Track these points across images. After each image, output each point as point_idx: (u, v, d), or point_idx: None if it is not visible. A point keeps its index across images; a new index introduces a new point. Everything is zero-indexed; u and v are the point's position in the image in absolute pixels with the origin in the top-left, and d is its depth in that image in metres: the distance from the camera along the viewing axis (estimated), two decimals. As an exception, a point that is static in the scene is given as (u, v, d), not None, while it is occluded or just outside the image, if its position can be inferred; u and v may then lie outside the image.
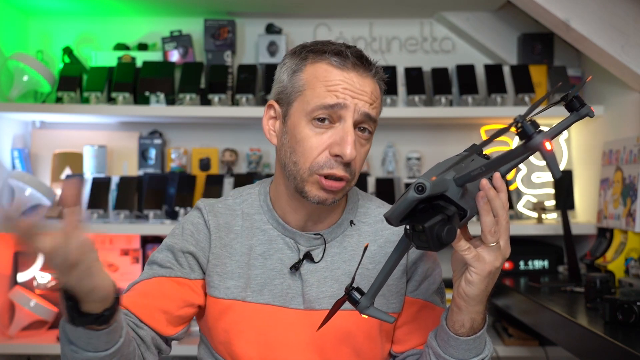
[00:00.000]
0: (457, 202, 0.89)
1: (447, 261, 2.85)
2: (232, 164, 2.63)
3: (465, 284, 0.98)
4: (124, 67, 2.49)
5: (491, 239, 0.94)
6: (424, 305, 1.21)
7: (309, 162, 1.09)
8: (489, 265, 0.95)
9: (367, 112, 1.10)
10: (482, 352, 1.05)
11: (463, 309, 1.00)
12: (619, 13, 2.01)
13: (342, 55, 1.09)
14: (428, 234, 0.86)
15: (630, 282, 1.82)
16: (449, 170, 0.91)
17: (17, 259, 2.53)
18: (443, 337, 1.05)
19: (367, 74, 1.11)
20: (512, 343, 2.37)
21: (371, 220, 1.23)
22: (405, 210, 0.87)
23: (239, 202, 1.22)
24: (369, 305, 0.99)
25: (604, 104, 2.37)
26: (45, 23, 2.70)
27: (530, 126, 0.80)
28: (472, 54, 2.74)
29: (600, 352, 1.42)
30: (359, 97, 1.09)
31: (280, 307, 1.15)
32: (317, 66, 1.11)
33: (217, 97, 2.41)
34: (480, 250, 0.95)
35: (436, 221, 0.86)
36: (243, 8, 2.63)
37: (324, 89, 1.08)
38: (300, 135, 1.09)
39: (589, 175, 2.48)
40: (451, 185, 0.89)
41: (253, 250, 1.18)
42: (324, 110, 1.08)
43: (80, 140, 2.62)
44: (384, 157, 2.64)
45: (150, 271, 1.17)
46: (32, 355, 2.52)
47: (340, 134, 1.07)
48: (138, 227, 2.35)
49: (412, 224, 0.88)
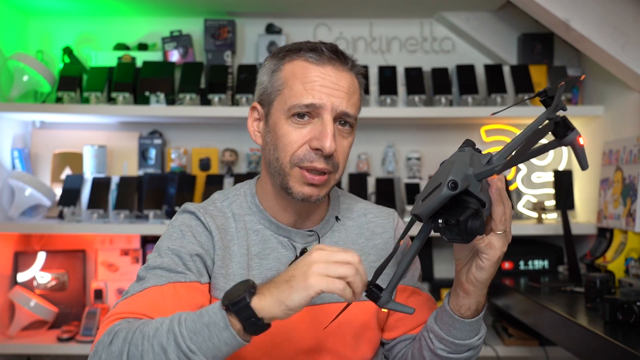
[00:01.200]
0: (478, 196, 0.95)
1: (443, 261, 2.84)
2: (232, 164, 2.63)
3: (476, 270, 1.04)
4: (124, 67, 2.49)
5: (501, 226, 1.01)
6: (413, 292, 1.27)
7: (289, 155, 1.12)
8: (498, 251, 1.02)
9: (344, 111, 1.12)
10: (480, 332, 1.14)
11: (471, 294, 1.07)
12: (619, 13, 2.01)
13: (318, 50, 1.13)
14: (462, 227, 0.92)
15: (630, 282, 1.82)
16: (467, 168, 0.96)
17: (17, 259, 2.53)
18: (447, 321, 1.11)
19: (343, 67, 1.13)
20: (512, 343, 2.37)
21: (354, 215, 1.28)
22: (438, 206, 0.93)
23: (226, 204, 1.22)
24: (389, 299, 1.03)
25: (604, 104, 2.37)
26: (45, 23, 2.70)
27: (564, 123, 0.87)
28: (472, 54, 2.74)
29: (600, 352, 1.42)
30: (335, 93, 1.11)
31: None
32: (295, 64, 1.13)
33: (217, 97, 2.41)
34: (490, 238, 1.01)
35: (469, 214, 0.93)
36: (243, 8, 2.63)
37: (301, 87, 1.11)
38: (281, 132, 1.12)
39: (589, 175, 2.48)
40: (472, 180, 0.95)
41: (249, 250, 1.18)
42: (302, 109, 1.11)
43: (80, 140, 2.62)
44: (384, 157, 2.64)
45: (159, 277, 1.10)
46: (32, 355, 2.52)
47: (319, 128, 1.10)
48: (138, 227, 2.35)
49: (445, 218, 0.93)
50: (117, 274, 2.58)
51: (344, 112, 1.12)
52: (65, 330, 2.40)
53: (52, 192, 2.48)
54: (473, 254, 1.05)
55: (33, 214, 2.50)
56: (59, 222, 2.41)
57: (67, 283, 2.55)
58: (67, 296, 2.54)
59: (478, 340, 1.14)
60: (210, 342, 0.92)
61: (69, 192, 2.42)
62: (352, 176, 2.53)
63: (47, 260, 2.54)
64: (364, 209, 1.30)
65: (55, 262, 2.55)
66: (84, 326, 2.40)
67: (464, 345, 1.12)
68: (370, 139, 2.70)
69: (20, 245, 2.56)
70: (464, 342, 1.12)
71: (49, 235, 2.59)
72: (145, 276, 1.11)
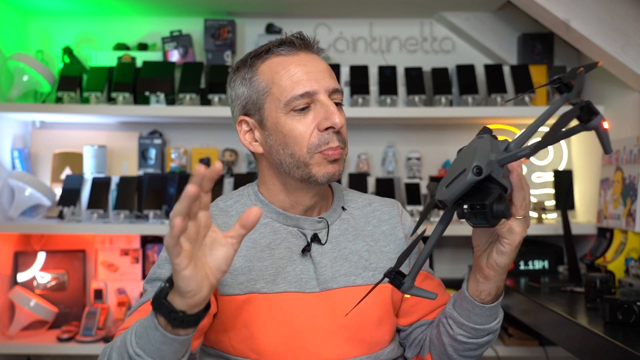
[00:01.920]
0: (500, 181, 0.96)
1: (444, 261, 2.84)
2: (232, 164, 2.63)
3: (497, 255, 1.05)
4: (124, 67, 2.49)
5: (522, 211, 1.02)
6: (426, 276, 1.28)
7: (305, 147, 1.14)
8: (519, 235, 1.03)
9: (335, 87, 1.17)
10: (498, 316, 1.15)
11: (491, 279, 1.08)
12: (619, 13, 2.01)
13: (286, 42, 1.17)
14: (488, 211, 0.93)
15: (630, 282, 1.82)
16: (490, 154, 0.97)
17: (17, 259, 2.53)
18: (466, 307, 1.12)
19: (311, 51, 1.20)
20: (512, 343, 2.37)
21: (359, 205, 1.31)
22: (463, 192, 0.94)
23: (230, 203, 1.24)
24: (412, 285, 1.03)
25: (604, 104, 2.37)
26: (45, 23, 2.70)
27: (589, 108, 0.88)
28: (472, 54, 2.74)
29: (600, 352, 1.42)
30: (320, 75, 1.16)
31: (297, 292, 1.16)
32: (269, 62, 1.17)
33: (217, 97, 2.41)
34: (511, 223, 1.02)
35: (494, 198, 0.94)
36: (243, 8, 2.63)
37: (288, 80, 1.14)
38: (286, 129, 1.14)
39: (589, 175, 2.48)
40: (495, 166, 0.96)
41: (257, 243, 1.19)
42: (299, 101, 1.13)
43: (80, 140, 2.62)
44: (384, 157, 2.64)
45: (154, 289, 1.10)
46: (32, 355, 2.52)
47: (321, 110, 1.14)
48: (138, 227, 2.35)
49: (470, 203, 0.94)
50: (117, 274, 2.58)
51: (335, 89, 1.16)
52: (65, 330, 2.40)
53: (52, 192, 2.47)
54: (493, 240, 1.07)
55: (33, 214, 2.50)
56: (59, 222, 2.41)
57: (67, 283, 2.55)
58: (67, 296, 2.54)
59: (497, 325, 1.15)
60: (150, 343, 0.92)
61: (69, 192, 2.42)
62: (352, 176, 2.53)
63: (47, 260, 2.54)
64: (367, 199, 1.34)
65: (55, 262, 2.55)
66: (83, 326, 2.40)
67: (483, 330, 1.13)
68: (370, 139, 2.70)
69: (20, 245, 2.56)
70: (484, 327, 1.13)
71: (49, 235, 2.59)
72: (147, 289, 1.15)
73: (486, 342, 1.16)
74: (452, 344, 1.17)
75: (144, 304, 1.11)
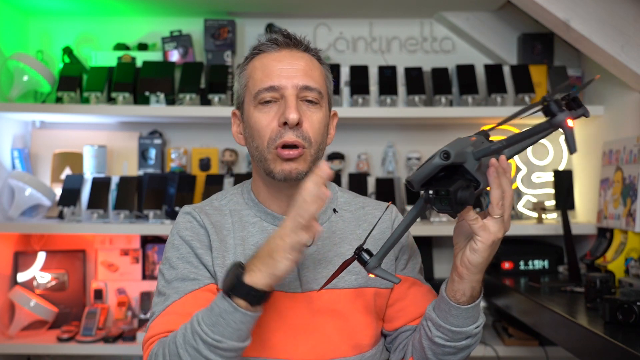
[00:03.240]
0: (473, 174, 0.98)
1: (443, 261, 2.84)
2: (232, 164, 2.63)
3: (470, 252, 1.06)
4: (124, 67, 2.49)
5: (498, 211, 1.02)
6: (414, 282, 1.29)
7: (265, 139, 1.16)
8: (493, 235, 1.03)
9: (305, 85, 1.17)
10: (478, 320, 1.14)
11: (465, 278, 1.08)
12: (619, 13, 2.01)
13: (272, 39, 1.20)
14: (452, 197, 0.95)
15: (630, 282, 1.82)
16: (467, 146, 1.00)
17: (17, 259, 2.53)
18: (443, 308, 1.12)
19: (298, 49, 1.20)
20: (512, 343, 2.37)
21: (352, 208, 1.31)
22: (429, 174, 0.96)
23: (224, 202, 1.29)
24: (377, 265, 1.07)
25: (604, 104, 2.37)
26: (45, 23, 2.70)
27: (555, 105, 0.90)
28: (472, 54, 2.74)
29: (600, 352, 1.42)
30: (292, 72, 1.17)
31: (280, 292, 1.18)
32: (255, 59, 1.21)
33: (217, 97, 2.41)
34: (486, 221, 1.03)
35: (459, 186, 0.96)
36: (243, 8, 2.63)
37: (261, 74, 1.18)
38: (252, 120, 1.19)
39: (589, 175, 2.48)
40: (469, 158, 0.98)
41: (246, 241, 1.22)
42: (265, 94, 1.16)
43: (80, 140, 2.62)
44: (384, 157, 2.64)
45: (177, 290, 1.16)
46: (32, 355, 2.52)
47: (283, 105, 1.16)
48: (138, 227, 2.35)
49: (435, 189, 0.97)
50: (117, 274, 2.58)
51: (305, 86, 1.17)
52: (65, 330, 2.40)
53: (52, 192, 2.47)
54: (469, 238, 1.07)
55: (33, 214, 2.50)
56: (59, 222, 2.41)
57: (67, 283, 2.55)
58: (67, 296, 2.54)
59: (475, 329, 1.14)
60: (229, 327, 1.01)
61: (69, 192, 2.42)
62: (352, 176, 2.53)
63: (47, 260, 2.54)
64: (362, 202, 1.34)
65: (55, 262, 2.55)
66: (83, 326, 2.40)
67: (460, 333, 1.12)
68: (370, 139, 2.70)
69: (20, 245, 2.56)
70: (461, 330, 1.12)
71: (49, 235, 2.59)
72: (166, 292, 1.18)
73: (465, 347, 1.15)
74: (430, 346, 1.16)
75: (171, 306, 1.15)
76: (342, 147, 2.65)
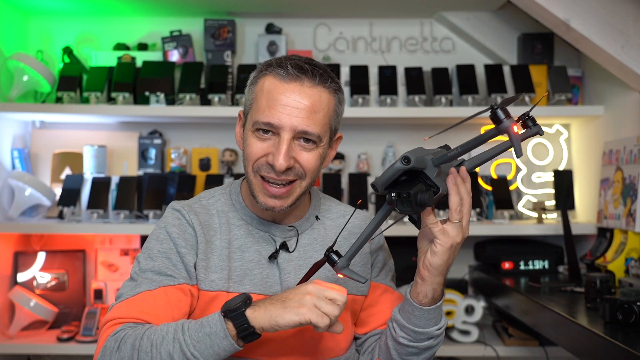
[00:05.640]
0: (433, 179, 1.05)
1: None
2: (232, 164, 2.63)
3: (430, 255, 1.12)
4: (124, 67, 2.48)
5: (456, 216, 1.09)
6: (385, 289, 1.36)
7: (251, 165, 1.19)
8: (451, 239, 1.09)
9: (304, 130, 1.16)
10: (439, 322, 1.20)
11: (426, 280, 1.14)
12: (619, 13, 2.01)
13: (283, 67, 1.17)
14: (412, 199, 1.01)
15: (630, 282, 1.82)
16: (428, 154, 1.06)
17: (17, 259, 2.53)
18: (407, 309, 1.18)
19: (310, 83, 1.17)
20: (512, 343, 2.37)
21: (333, 216, 1.36)
22: (391, 177, 1.03)
23: (212, 202, 1.30)
24: (345, 265, 1.12)
25: (604, 104, 2.37)
26: (45, 23, 2.70)
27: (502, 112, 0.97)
28: (472, 54, 2.74)
29: (600, 352, 1.42)
30: (295, 112, 1.15)
31: (261, 294, 1.21)
32: (266, 79, 1.19)
33: (217, 97, 2.41)
34: (445, 226, 1.09)
35: (419, 189, 1.03)
36: (243, 8, 2.63)
37: (265, 104, 1.17)
38: (247, 142, 1.21)
39: (589, 175, 2.48)
40: (429, 165, 1.04)
41: (231, 244, 1.24)
42: (262, 127, 1.17)
43: (80, 140, 2.62)
44: (384, 157, 2.64)
45: (151, 281, 1.17)
46: (32, 355, 2.52)
47: (276, 145, 1.16)
48: (138, 227, 2.35)
49: (397, 192, 1.03)
50: (117, 274, 2.58)
51: (303, 131, 1.16)
52: (65, 330, 2.40)
53: (52, 192, 2.47)
54: (429, 244, 1.13)
55: (33, 214, 2.50)
56: (59, 222, 2.41)
57: (67, 283, 2.55)
58: (67, 296, 2.54)
59: (437, 331, 1.19)
60: (212, 349, 1.05)
61: (68, 192, 2.42)
62: (352, 176, 2.53)
63: (47, 260, 2.54)
64: (343, 210, 1.38)
65: (55, 262, 2.55)
66: (83, 326, 2.40)
67: (423, 334, 1.18)
68: (370, 139, 2.70)
69: (20, 245, 2.56)
70: (423, 330, 1.18)
71: (48, 235, 2.59)
72: (138, 279, 1.19)
73: (427, 347, 1.20)
74: (395, 346, 1.21)
75: (142, 294, 1.15)
76: (342, 147, 2.65)
